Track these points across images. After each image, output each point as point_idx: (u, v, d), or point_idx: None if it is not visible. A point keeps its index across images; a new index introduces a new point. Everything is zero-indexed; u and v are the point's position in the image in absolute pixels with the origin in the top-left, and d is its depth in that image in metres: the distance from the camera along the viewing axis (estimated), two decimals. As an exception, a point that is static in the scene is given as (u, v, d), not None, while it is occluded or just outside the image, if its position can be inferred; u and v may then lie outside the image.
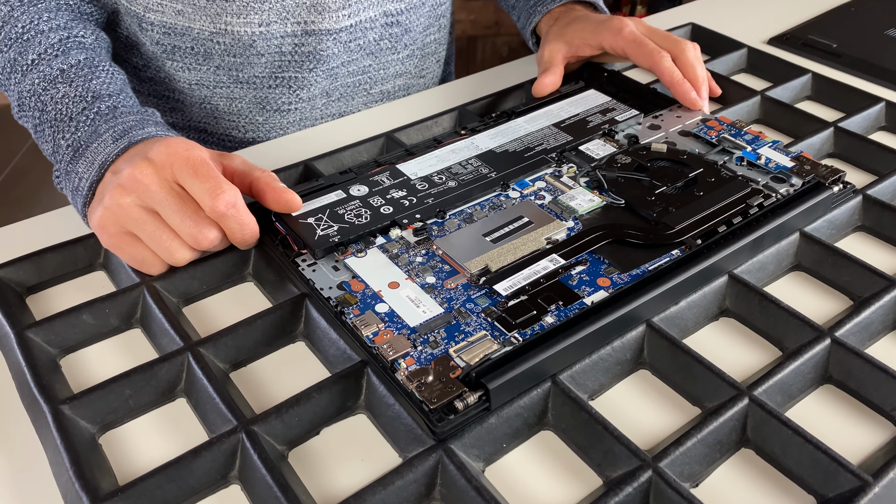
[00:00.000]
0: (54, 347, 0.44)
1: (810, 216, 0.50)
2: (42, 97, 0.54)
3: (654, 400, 0.42)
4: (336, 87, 0.70)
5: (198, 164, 0.45)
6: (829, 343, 0.42)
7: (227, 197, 0.44)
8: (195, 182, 0.44)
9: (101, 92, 0.54)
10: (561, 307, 0.42)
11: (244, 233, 0.46)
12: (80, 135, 0.51)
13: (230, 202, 0.45)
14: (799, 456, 0.37)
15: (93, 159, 0.49)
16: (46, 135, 0.53)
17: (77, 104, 0.53)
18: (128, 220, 0.46)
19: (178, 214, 0.45)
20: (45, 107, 0.54)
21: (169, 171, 0.45)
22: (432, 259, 0.46)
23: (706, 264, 0.45)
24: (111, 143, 0.49)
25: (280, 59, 0.67)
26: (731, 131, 0.57)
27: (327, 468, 0.39)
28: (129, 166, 0.46)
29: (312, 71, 0.68)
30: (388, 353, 0.40)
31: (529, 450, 0.39)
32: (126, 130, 0.50)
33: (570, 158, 0.55)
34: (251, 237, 0.47)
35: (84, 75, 0.55)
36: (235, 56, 0.66)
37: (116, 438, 0.40)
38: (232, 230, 0.46)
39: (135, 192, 0.45)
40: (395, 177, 0.53)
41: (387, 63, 0.72)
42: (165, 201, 0.45)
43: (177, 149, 0.45)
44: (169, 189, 0.45)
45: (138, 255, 0.46)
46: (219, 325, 0.46)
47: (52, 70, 0.55)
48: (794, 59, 0.74)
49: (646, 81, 0.67)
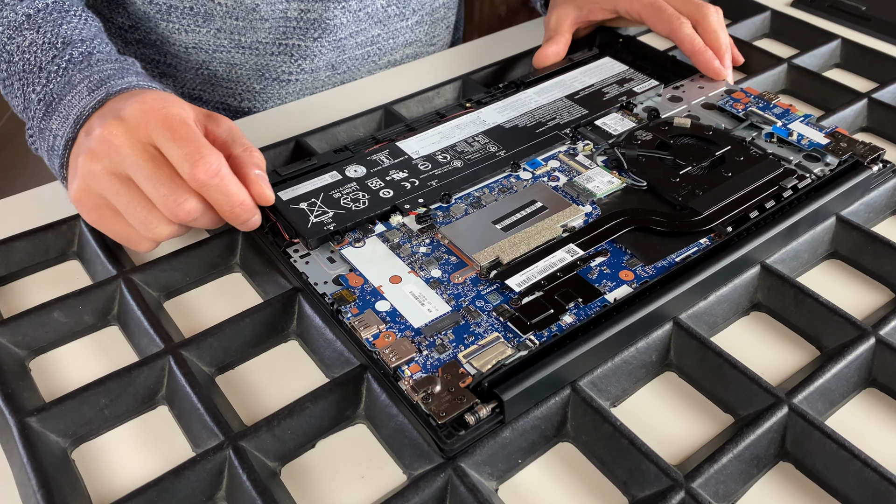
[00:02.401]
0: (22, 349, 0.40)
1: (847, 199, 0.46)
2: (7, 47, 0.48)
3: (681, 406, 0.38)
4: (343, 59, 0.65)
5: (176, 125, 0.39)
6: (873, 343, 0.39)
7: (208, 163, 0.39)
8: (172, 146, 0.39)
9: (72, 37, 0.48)
10: (580, 305, 0.38)
11: (232, 205, 0.40)
12: (53, 87, 0.45)
13: (212, 170, 0.39)
14: (844, 472, 0.34)
15: (67, 114, 0.44)
16: (16, 89, 0.48)
17: (46, 52, 0.47)
18: (102, 189, 0.40)
19: (151, 181, 0.39)
20: (11, 57, 0.48)
21: (143, 132, 0.39)
22: (437, 249, 0.42)
23: (738, 254, 0.41)
24: (87, 94, 0.44)
25: (285, 24, 0.62)
26: (758, 104, 0.53)
27: (324, 486, 0.35)
28: (100, 126, 0.40)
29: (317, 40, 0.63)
30: (391, 360, 0.36)
31: (547, 464, 0.36)
32: (103, 80, 0.44)
33: (586, 135, 0.51)
34: (243, 211, 0.41)
35: (53, 20, 0.49)
36: (238, 19, 0.61)
37: (91, 453, 0.36)
38: (218, 202, 0.40)
39: (106, 156, 0.40)
40: (394, 155, 0.49)
41: (396, 31, 0.67)
42: (138, 166, 0.39)
43: (153, 105, 0.40)
44: (142, 151, 0.39)
45: (122, 232, 0.42)
46: (203, 322, 0.42)
47: (16, 15, 0.49)
48: (821, 23, 0.69)
49: (664, 48, 0.63)
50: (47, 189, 0.51)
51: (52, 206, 0.49)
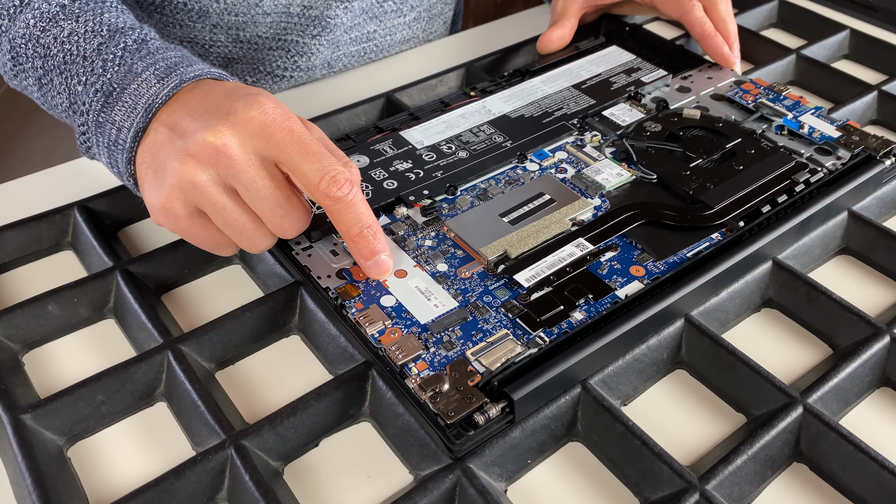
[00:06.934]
0: (16, 343, 0.39)
1: (859, 194, 0.45)
2: (42, 40, 0.43)
3: (692, 405, 0.37)
4: (339, 56, 0.63)
5: (306, 140, 0.36)
6: (887, 342, 0.38)
7: (345, 178, 0.36)
8: (305, 162, 0.35)
9: (118, 25, 0.43)
10: (591, 301, 0.37)
11: (361, 226, 0.37)
12: (111, 76, 0.40)
13: (348, 187, 0.36)
14: (861, 474, 0.33)
15: (134, 103, 0.39)
16: (56, 84, 0.43)
17: (90, 41, 0.42)
18: (202, 200, 0.36)
19: (269, 202, 0.36)
20: (47, 51, 0.43)
21: (261, 143, 0.36)
22: (443, 243, 0.41)
23: (751, 250, 0.40)
24: (155, 82, 0.39)
25: (286, 20, 0.60)
26: (768, 96, 0.52)
27: (328, 486, 0.34)
28: (202, 128, 0.36)
29: (316, 38, 0.61)
30: (397, 357, 0.35)
31: (557, 465, 0.35)
32: (170, 67, 0.40)
33: (594, 125, 0.50)
34: (372, 237, 0.37)
35: (91, 9, 0.43)
36: (237, 15, 0.59)
37: (87, 451, 0.35)
38: (347, 222, 0.36)
39: (214, 166, 0.36)
40: (398, 145, 0.47)
41: (393, 28, 0.65)
42: (254, 183, 0.36)
43: (275, 117, 0.36)
44: (259, 167, 0.36)
45: (211, 240, 0.38)
46: (202, 316, 0.41)
47: (49, 6, 0.43)
48: (829, 13, 0.68)
49: (669, 38, 0.61)
50: (40, 176, 0.50)
51: (45, 194, 0.48)
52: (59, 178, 0.50)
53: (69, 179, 0.50)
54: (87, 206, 0.45)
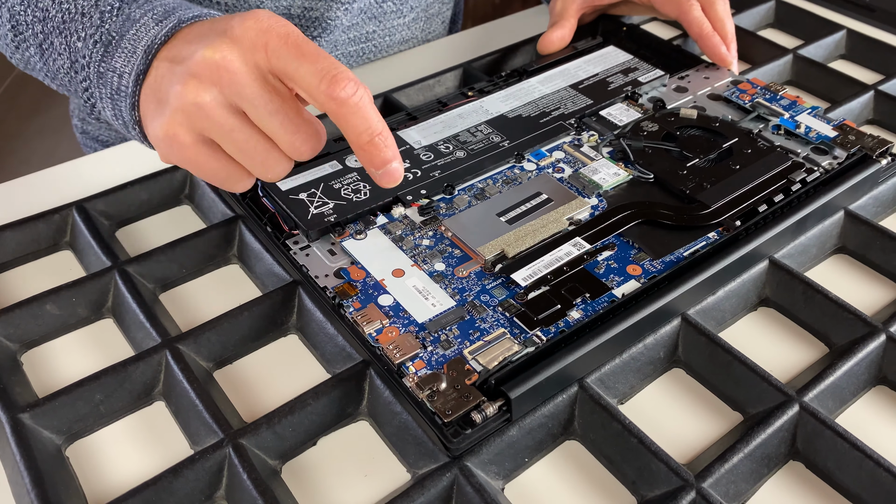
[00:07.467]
0: (14, 342, 0.39)
1: (856, 193, 0.46)
2: (40, 3, 0.42)
3: (689, 404, 0.37)
4: (337, 56, 0.63)
5: (302, 42, 0.33)
6: (883, 340, 0.38)
7: (348, 78, 0.33)
8: (303, 64, 0.33)
9: None
10: (588, 300, 0.38)
11: (372, 133, 0.34)
12: (109, 26, 0.39)
13: (352, 86, 0.33)
14: (856, 472, 0.33)
15: (133, 48, 0.38)
16: (56, 46, 0.41)
17: None
18: (209, 124, 0.34)
19: (277, 116, 0.34)
20: (46, 14, 0.42)
21: (262, 55, 0.33)
22: (441, 242, 0.41)
23: (748, 249, 0.40)
24: (153, 25, 0.38)
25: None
26: (765, 95, 0.52)
27: (326, 484, 0.34)
28: (202, 48, 0.34)
29: (316, 39, 0.60)
30: (395, 356, 0.35)
31: (554, 463, 0.35)
32: (168, 11, 0.39)
33: (591, 125, 0.50)
34: (383, 144, 0.35)
35: None
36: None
37: (85, 450, 0.35)
38: (356, 128, 0.34)
39: (216, 84, 0.34)
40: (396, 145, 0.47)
41: (392, 28, 0.65)
42: (261, 98, 0.34)
43: (270, 23, 0.34)
44: (263, 81, 0.34)
45: (221, 172, 0.36)
46: (200, 315, 0.41)
47: None
48: (826, 13, 0.68)
49: (666, 38, 0.62)
50: (39, 177, 0.50)
51: (43, 194, 0.48)
52: (58, 178, 0.50)
53: (67, 179, 0.50)
54: (85, 206, 0.45)
